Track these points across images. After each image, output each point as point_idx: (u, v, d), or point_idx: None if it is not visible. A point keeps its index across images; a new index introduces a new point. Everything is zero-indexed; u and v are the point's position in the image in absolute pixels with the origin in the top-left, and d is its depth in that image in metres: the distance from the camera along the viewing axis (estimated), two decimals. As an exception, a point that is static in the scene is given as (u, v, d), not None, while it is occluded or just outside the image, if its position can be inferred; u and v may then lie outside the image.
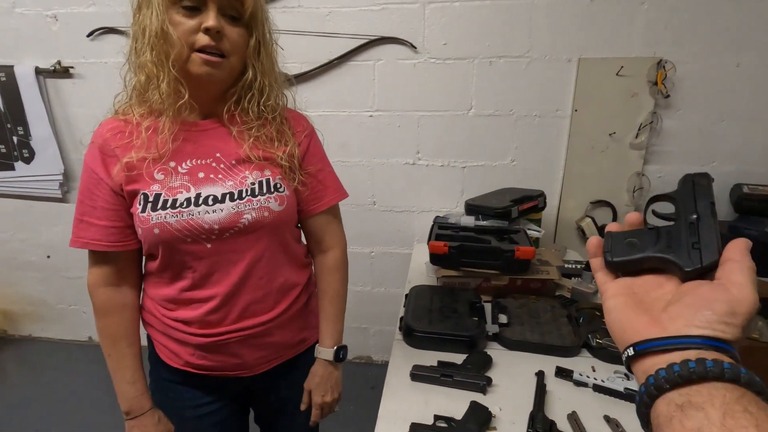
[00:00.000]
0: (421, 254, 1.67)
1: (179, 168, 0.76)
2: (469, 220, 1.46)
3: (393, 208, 1.96)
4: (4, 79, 1.92)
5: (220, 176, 0.78)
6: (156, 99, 0.73)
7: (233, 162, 0.79)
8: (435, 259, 1.32)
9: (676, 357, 0.32)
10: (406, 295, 1.28)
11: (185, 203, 0.75)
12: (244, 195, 0.78)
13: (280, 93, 0.85)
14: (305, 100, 1.85)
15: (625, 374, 0.96)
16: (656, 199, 0.48)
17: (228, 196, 0.77)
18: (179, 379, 0.88)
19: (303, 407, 0.97)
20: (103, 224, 0.77)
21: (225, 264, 0.79)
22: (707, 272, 0.37)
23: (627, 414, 0.87)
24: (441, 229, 1.41)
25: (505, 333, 1.11)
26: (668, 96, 1.64)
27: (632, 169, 1.74)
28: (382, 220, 1.98)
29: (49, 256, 2.29)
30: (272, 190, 0.80)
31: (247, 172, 0.79)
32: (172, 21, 0.70)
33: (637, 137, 1.70)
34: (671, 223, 0.42)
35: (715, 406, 0.29)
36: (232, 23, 0.73)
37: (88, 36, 1.86)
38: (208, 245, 0.77)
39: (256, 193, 0.79)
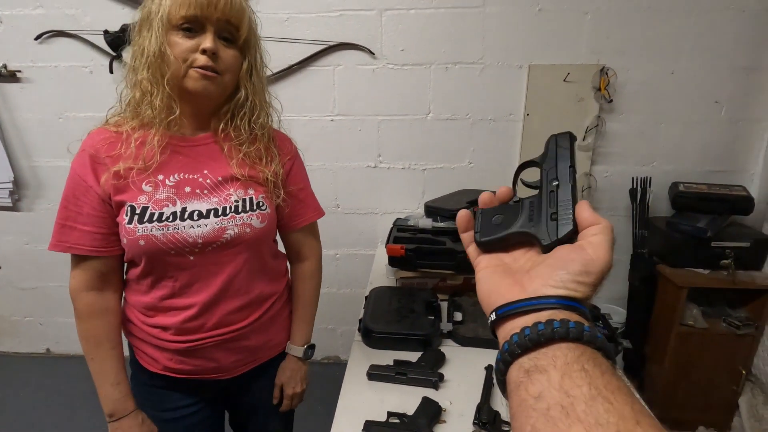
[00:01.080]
0: (383, 255, 1.70)
1: (167, 181, 0.79)
2: (427, 222, 1.52)
3: (356, 210, 2.00)
4: (-56, 83, 1.83)
5: (205, 192, 0.81)
6: (148, 114, 0.76)
7: (220, 179, 0.82)
8: (393, 261, 1.37)
9: (531, 320, 0.32)
10: (366, 297, 1.32)
11: (171, 217, 0.77)
12: (228, 212, 0.81)
13: (269, 112, 0.89)
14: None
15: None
16: (524, 166, 0.46)
17: (212, 212, 0.80)
18: (159, 383, 0.90)
19: (275, 401, 1.02)
20: (88, 229, 0.78)
21: (205, 275, 0.82)
22: (565, 243, 0.36)
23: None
24: (400, 232, 1.46)
25: (458, 331, 1.17)
26: (611, 101, 1.74)
27: (580, 169, 1.84)
28: (346, 222, 2.01)
29: (0, 267, 2.19)
30: (255, 208, 0.84)
31: (231, 190, 0.83)
32: (171, 42, 0.74)
33: (584, 139, 1.80)
34: (536, 192, 0.41)
35: (557, 367, 0.28)
36: (227, 45, 0.78)
37: (36, 39, 1.80)
38: (191, 257, 0.80)
39: (239, 211, 0.82)
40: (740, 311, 1.72)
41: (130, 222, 0.76)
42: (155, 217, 0.77)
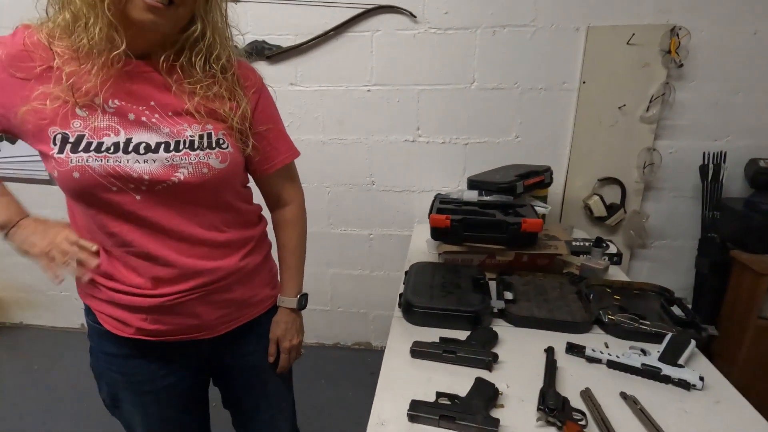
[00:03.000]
0: (421, 236, 1.61)
1: (105, 106, 0.67)
2: (472, 195, 1.39)
3: (392, 187, 1.89)
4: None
5: (153, 121, 0.69)
6: (84, 44, 0.64)
7: (170, 113, 0.71)
8: (436, 233, 1.25)
9: None
10: (406, 272, 1.21)
11: (112, 148, 0.66)
12: (180, 147, 0.70)
13: (232, 52, 0.76)
14: (300, 74, 1.78)
15: (642, 350, 0.90)
16: None
17: (163, 145, 0.69)
18: (130, 351, 0.80)
19: (271, 358, 0.93)
20: None
21: (158, 220, 0.71)
22: None
23: (645, 390, 0.80)
24: (443, 204, 1.34)
25: (511, 309, 1.05)
26: (681, 65, 1.55)
27: (643, 144, 1.66)
28: (380, 200, 1.91)
29: (38, 241, 2.22)
30: (213, 145, 0.72)
31: (186, 125, 0.71)
32: None
33: (648, 110, 1.62)
34: None
35: None
36: None
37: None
38: (137, 197, 0.69)
39: (195, 147, 0.70)
40: (830, 305, 1.50)
41: (61, 151, 0.65)
42: (93, 147, 0.65)
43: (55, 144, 0.65)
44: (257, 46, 1.72)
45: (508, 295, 1.11)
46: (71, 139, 0.65)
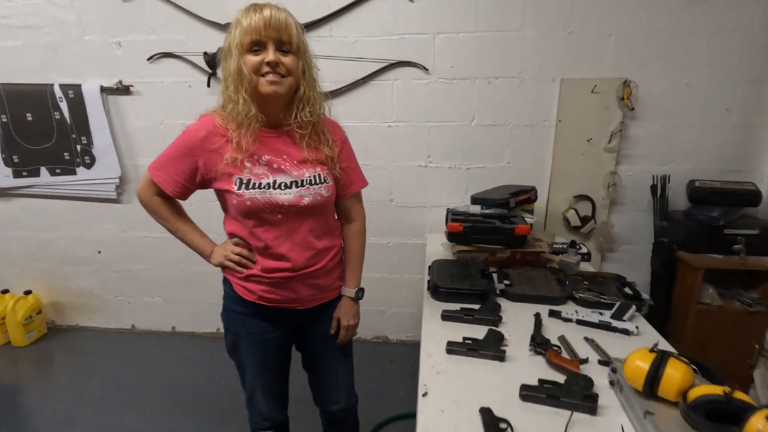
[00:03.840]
0: (433, 242, 2.01)
1: (260, 160, 1.08)
2: (476, 209, 1.80)
3: (407, 204, 2.30)
4: (72, 95, 2.23)
5: (287, 168, 1.10)
6: (235, 114, 1.04)
7: (296, 162, 1.11)
8: (452, 237, 1.66)
9: None
10: (429, 267, 1.61)
11: (267, 186, 1.07)
12: (304, 183, 1.10)
13: (321, 103, 1.15)
14: (335, 113, 2.19)
15: (600, 312, 1.30)
16: None
17: (294, 183, 1.09)
18: (250, 311, 1.19)
19: (332, 331, 1.27)
20: (175, 177, 1.10)
21: (290, 231, 1.12)
22: None
23: (600, 336, 1.20)
24: (455, 215, 1.75)
25: (509, 290, 1.45)
26: (633, 109, 2.02)
27: (607, 168, 2.11)
28: (398, 214, 2.31)
29: (99, 252, 2.56)
30: (321, 181, 1.13)
31: (305, 169, 1.11)
32: (245, 61, 1.01)
33: (609, 142, 2.07)
34: None
35: None
36: (285, 54, 1.04)
37: (148, 60, 2.19)
38: (279, 216, 1.10)
39: (312, 183, 1.11)
40: (753, 292, 1.93)
41: (239, 188, 1.06)
42: (256, 186, 1.06)
43: (236, 185, 1.06)
44: (300, 91, 2.14)
45: (506, 281, 1.51)
46: (244, 182, 1.06)
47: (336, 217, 1.29)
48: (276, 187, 1.07)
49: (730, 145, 2.05)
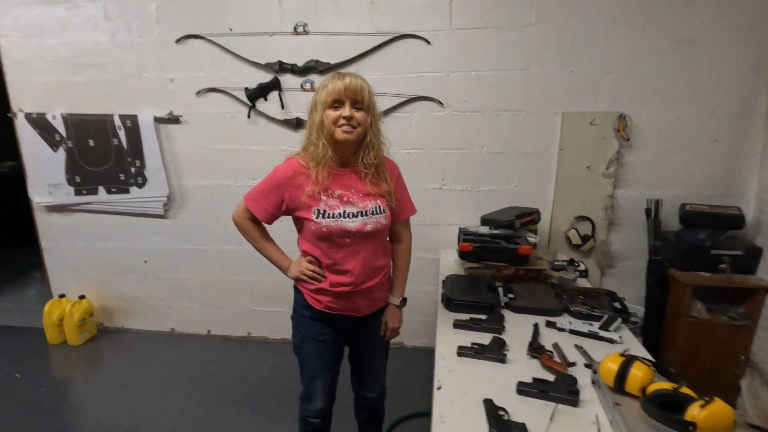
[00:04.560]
0: (446, 258, 2.25)
1: (333, 194, 1.35)
2: (485, 229, 2.04)
3: (423, 222, 2.54)
4: (129, 124, 2.55)
5: (355, 201, 1.36)
6: (315, 155, 1.32)
7: (362, 195, 1.38)
8: (463, 255, 1.90)
9: None
10: (443, 281, 1.85)
11: (339, 216, 1.33)
12: (367, 213, 1.37)
13: (382, 146, 1.42)
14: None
15: (590, 324, 1.52)
16: None
17: (360, 213, 1.36)
18: (316, 316, 1.46)
19: (382, 333, 1.54)
20: (267, 208, 1.37)
21: (354, 252, 1.38)
22: None
23: (589, 344, 1.42)
24: (466, 235, 1.99)
25: (512, 302, 1.67)
26: (628, 139, 2.24)
27: (605, 192, 2.33)
28: (414, 231, 2.50)
29: (146, 261, 2.86)
30: (381, 212, 1.39)
31: (368, 201, 1.38)
32: (327, 115, 1.29)
33: (607, 169, 2.29)
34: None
35: None
36: (358, 110, 1.31)
37: (197, 94, 2.49)
38: (347, 240, 1.36)
39: (374, 213, 1.37)
40: (739, 307, 2.12)
41: (317, 217, 1.32)
42: (331, 215, 1.33)
43: (314, 215, 1.32)
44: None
45: (511, 295, 1.74)
46: (321, 212, 1.32)
47: (388, 241, 1.54)
48: (345, 216, 1.33)
49: (718, 172, 2.25)
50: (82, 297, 2.90)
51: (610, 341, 1.44)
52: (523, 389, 1.17)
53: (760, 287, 2.03)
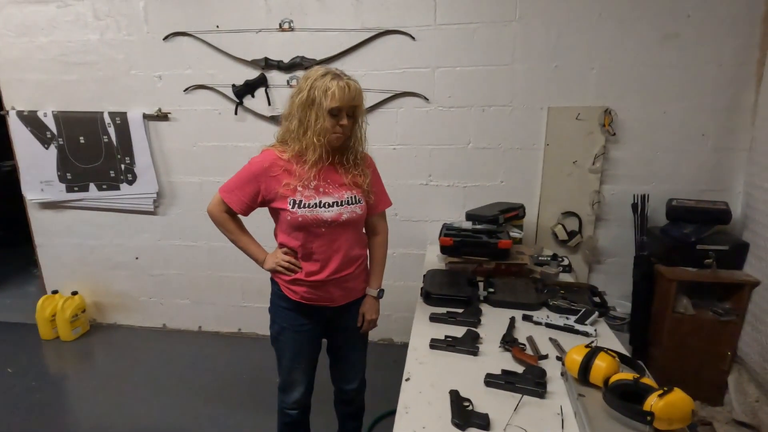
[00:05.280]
0: (432, 253, 2.24)
1: (309, 185, 1.35)
2: (468, 224, 2.03)
3: (410, 218, 2.54)
4: (119, 122, 2.57)
5: (330, 191, 1.37)
6: (310, 158, 1.31)
7: (338, 185, 1.39)
8: (444, 249, 1.90)
9: None
10: (424, 275, 1.85)
11: (314, 206, 1.34)
12: (343, 203, 1.38)
13: (364, 148, 1.45)
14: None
15: (566, 317, 1.51)
16: None
17: (335, 203, 1.37)
18: (292, 307, 1.47)
19: (359, 324, 1.55)
20: (243, 199, 1.38)
21: (330, 241, 1.39)
22: None
23: (564, 337, 1.41)
24: (448, 230, 1.99)
25: (491, 296, 1.67)
26: (614, 134, 2.22)
27: (591, 187, 2.32)
28: (401, 227, 2.56)
29: (137, 258, 2.89)
30: (357, 201, 1.41)
31: (344, 192, 1.39)
32: (328, 121, 1.29)
33: (593, 164, 2.28)
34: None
35: None
36: (349, 119, 1.33)
37: (184, 91, 2.51)
38: (323, 229, 1.37)
39: (350, 203, 1.39)
40: (725, 303, 2.10)
41: (293, 207, 1.33)
42: (306, 205, 1.34)
43: (290, 205, 1.33)
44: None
45: (491, 289, 1.73)
46: (297, 202, 1.33)
47: (363, 232, 1.55)
48: (321, 206, 1.35)
49: (706, 167, 2.23)
50: (74, 293, 2.92)
51: (585, 334, 1.43)
52: (491, 381, 1.17)
53: (746, 282, 2.01)
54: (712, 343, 2.08)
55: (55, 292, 2.93)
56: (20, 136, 2.66)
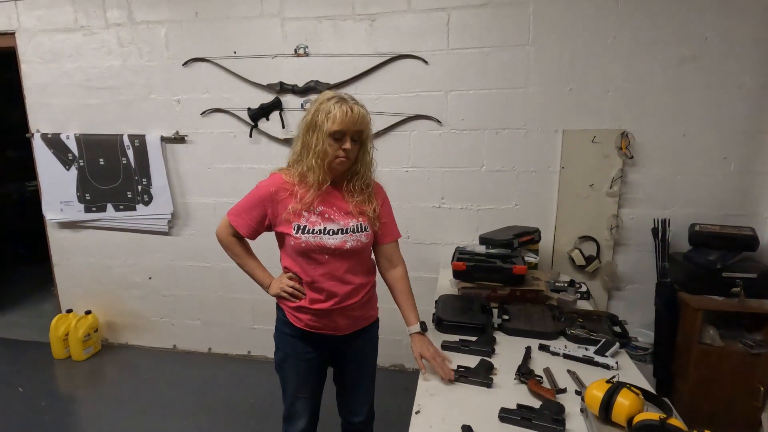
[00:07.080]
0: (445, 276, 2.19)
1: (315, 210, 1.34)
2: (481, 249, 1.99)
3: (423, 241, 2.51)
4: (137, 144, 2.63)
5: (336, 218, 1.35)
6: (311, 181, 1.31)
7: (343, 213, 1.37)
8: (456, 274, 1.85)
9: None
10: (436, 301, 1.80)
11: (319, 232, 1.32)
12: (348, 231, 1.35)
13: (372, 175, 1.43)
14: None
15: (585, 348, 1.44)
16: None
17: (340, 230, 1.35)
18: (297, 335, 1.43)
19: (423, 370, 1.35)
20: (249, 223, 1.37)
21: (334, 269, 1.36)
22: None
23: (583, 370, 1.34)
24: (461, 254, 1.95)
25: (506, 324, 1.61)
26: (632, 157, 2.17)
27: (609, 211, 2.25)
28: (414, 250, 2.52)
29: (150, 278, 2.90)
30: (362, 230, 1.38)
31: (350, 219, 1.37)
32: (329, 144, 1.29)
33: (611, 187, 2.23)
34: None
35: None
36: (354, 143, 1.32)
37: (201, 114, 2.57)
38: (326, 256, 1.34)
39: (355, 231, 1.36)
40: (756, 335, 1.98)
41: (296, 233, 1.31)
42: (310, 231, 1.32)
43: (294, 230, 1.32)
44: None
45: (505, 316, 1.67)
46: (301, 227, 1.32)
47: (371, 260, 1.51)
48: (326, 233, 1.33)
49: (729, 191, 2.15)
50: (88, 312, 2.94)
51: (606, 367, 1.36)
52: (506, 416, 1.11)
53: (777, 313, 1.90)
54: (743, 377, 1.96)
55: (69, 311, 2.95)
56: (43, 157, 2.74)
